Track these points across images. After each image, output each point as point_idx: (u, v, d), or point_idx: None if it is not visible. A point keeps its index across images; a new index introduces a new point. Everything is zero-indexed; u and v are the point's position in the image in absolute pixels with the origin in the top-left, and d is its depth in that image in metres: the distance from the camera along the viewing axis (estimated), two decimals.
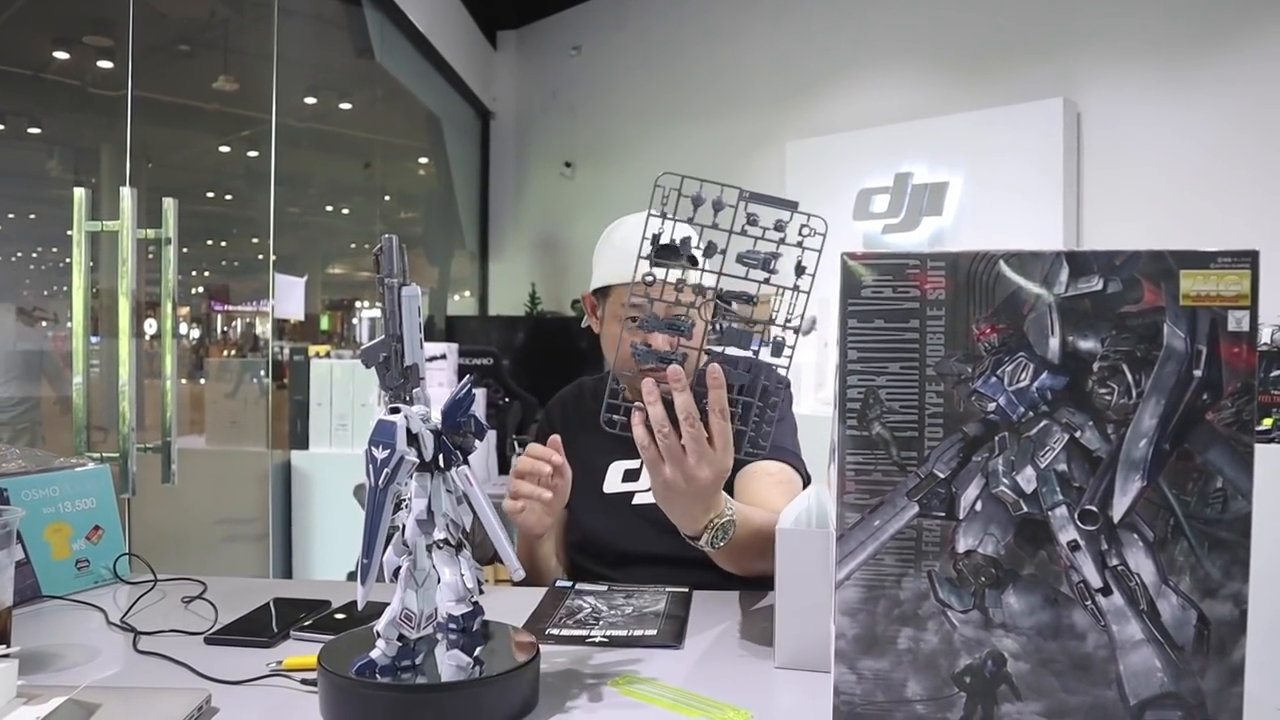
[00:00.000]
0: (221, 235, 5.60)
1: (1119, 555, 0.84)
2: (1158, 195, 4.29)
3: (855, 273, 0.87)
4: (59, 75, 3.85)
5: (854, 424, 0.88)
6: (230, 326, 5.43)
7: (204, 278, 5.58)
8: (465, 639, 0.94)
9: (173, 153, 5.03)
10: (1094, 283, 0.84)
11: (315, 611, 1.27)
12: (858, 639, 0.89)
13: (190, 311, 5.28)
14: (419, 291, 0.98)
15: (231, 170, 5.25)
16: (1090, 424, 0.84)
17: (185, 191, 5.09)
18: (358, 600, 0.92)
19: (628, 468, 1.70)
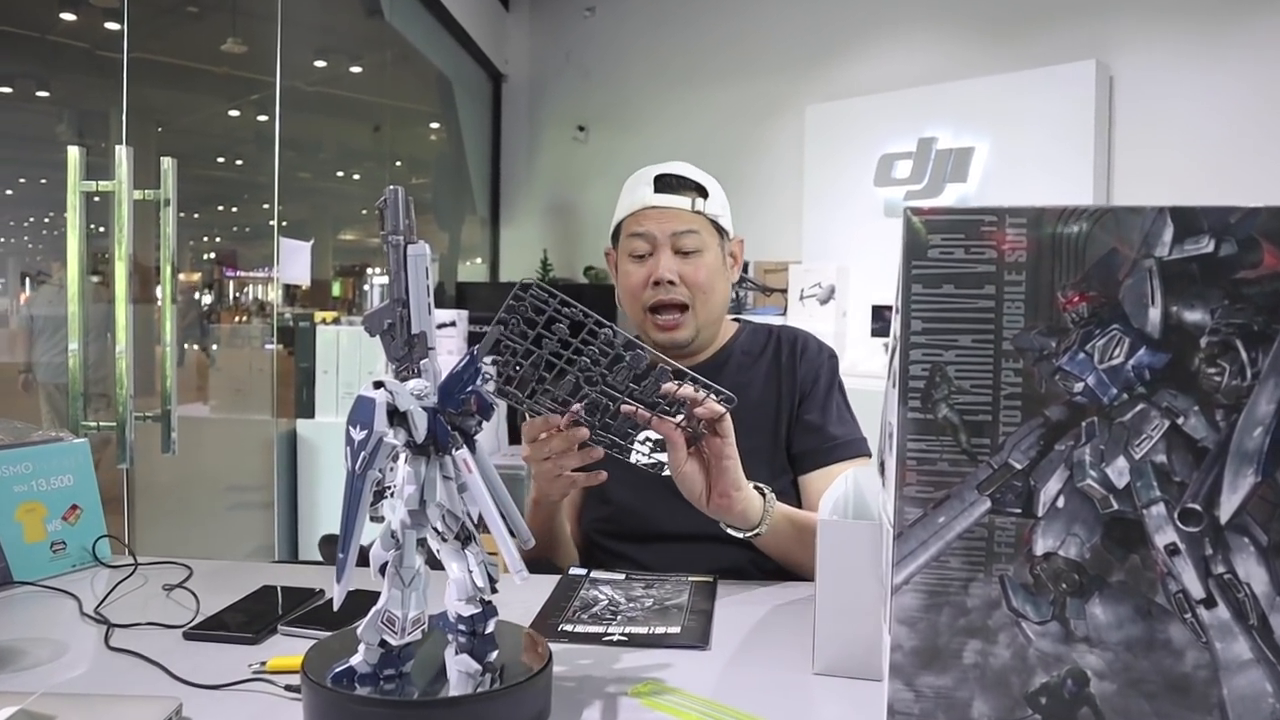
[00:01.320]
0: (233, 201, 5.52)
1: (1226, 562, 0.72)
2: (1193, 163, 4.13)
3: (920, 230, 0.75)
4: (65, 37, 3.75)
5: (917, 405, 0.76)
6: (242, 293, 5.34)
7: (215, 244, 5.49)
8: (475, 643, 0.83)
9: (182, 116, 4.93)
10: (1203, 244, 0.71)
11: (307, 602, 1.17)
12: (917, 651, 0.78)
13: (202, 278, 5.20)
14: (427, 250, 0.86)
15: (242, 135, 5.15)
16: (1196, 409, 0.72)
17: (195, 156, 5.00)
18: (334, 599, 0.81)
19: (654, 436, 1.55)
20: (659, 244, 1.53)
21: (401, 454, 0.83)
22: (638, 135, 6.20)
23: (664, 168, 1.57)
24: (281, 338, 4.27)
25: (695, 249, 1.53)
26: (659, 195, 1.54)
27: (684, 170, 1.57)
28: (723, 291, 1.59)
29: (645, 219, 1.54)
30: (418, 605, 0.83)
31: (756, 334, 1.67)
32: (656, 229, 1.53)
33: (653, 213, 1.53)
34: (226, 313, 5.23)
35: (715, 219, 1.55)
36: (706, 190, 1.56)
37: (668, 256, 1.52)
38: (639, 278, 1.55)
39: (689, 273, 1.53)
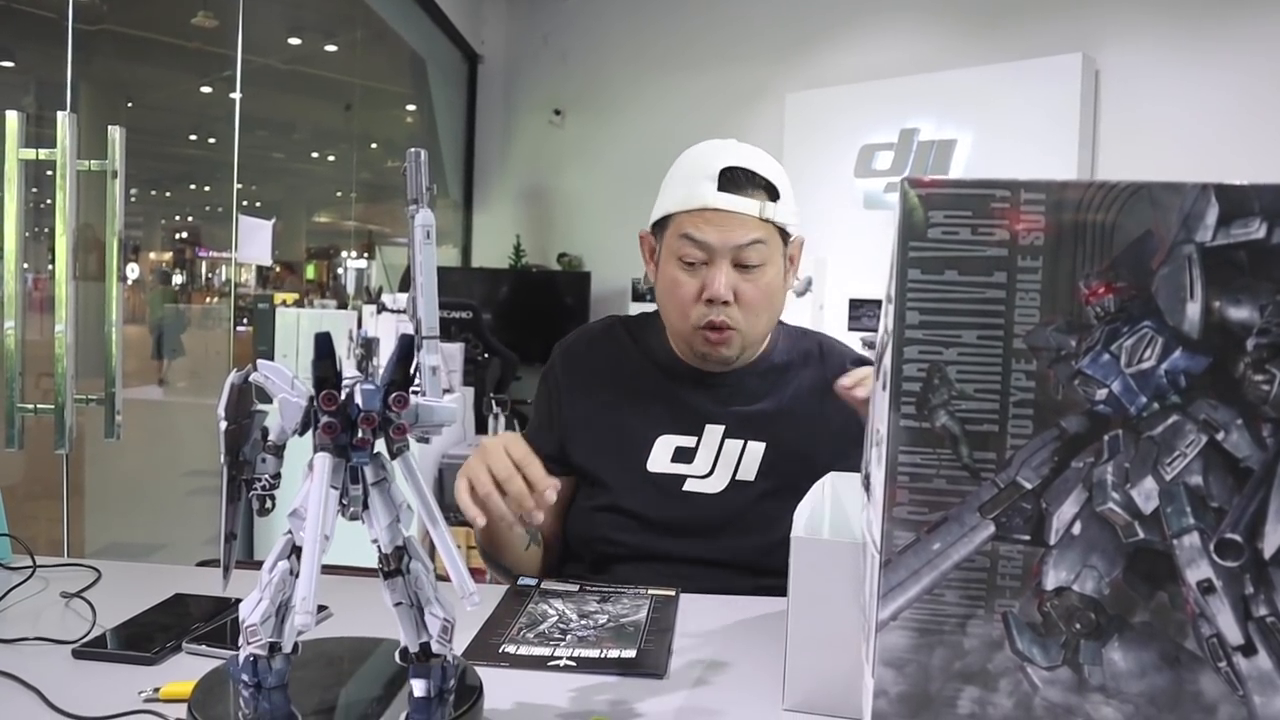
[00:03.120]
0: (205, 180, 5.38)
1: (1269, 603, 0.61)
2: (1180, 158, 4.05)
3: (919, 207, 0.64)
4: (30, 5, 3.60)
5: (911, 412, 0.64)
6: (214, 273, 5.20)
7: (187, 223, 5.35)
8: None
9: (153, 92, 4.77)
10: (1254, 228, 0.60)
11: (221, 614, 1.04)
12: (905, 698, 0.67)
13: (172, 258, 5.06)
14: (432, 220, 0.75)
15: (214, 113, 5.00)
16: (1239, 423, 0.61)
17: (167, 133, 4.85)
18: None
19: (680, 444, 1.39)
20: (718, 255, 1.30)
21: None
22: (615, 121, 6.08)
23: (732, 155, 1.32)
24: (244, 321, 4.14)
25: (759, 263, 1.31)
26: (724, 195, 1.29)
27: (755, 163, 1.32)
28: (780, 306, 1.39)
29: (704, 223, 1.30)
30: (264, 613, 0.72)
31: (795, 341, 1.48)
32: (717, 239, 1.29)
33: (715, 216, 1.29)
34: (199, 293, 5.09)
35: (784, 226, 1.33)
36: (777, 190, 1.32)
37: (727, 271, 1.30)
38: (690, 291, 1.33)
39: (747, 291, 1.31)
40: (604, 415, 1.42)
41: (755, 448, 1.37)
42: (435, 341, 0.73)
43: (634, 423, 1.41)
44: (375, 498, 0.74)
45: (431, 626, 0.74)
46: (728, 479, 1.36)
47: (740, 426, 1.39)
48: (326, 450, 0.71)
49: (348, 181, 6.53)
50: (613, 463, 1.40)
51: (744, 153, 1.34)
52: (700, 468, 1.38)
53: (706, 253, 1.30)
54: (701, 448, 1.38)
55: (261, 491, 0.74)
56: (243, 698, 0.74)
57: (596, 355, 1.49)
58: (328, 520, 0.71)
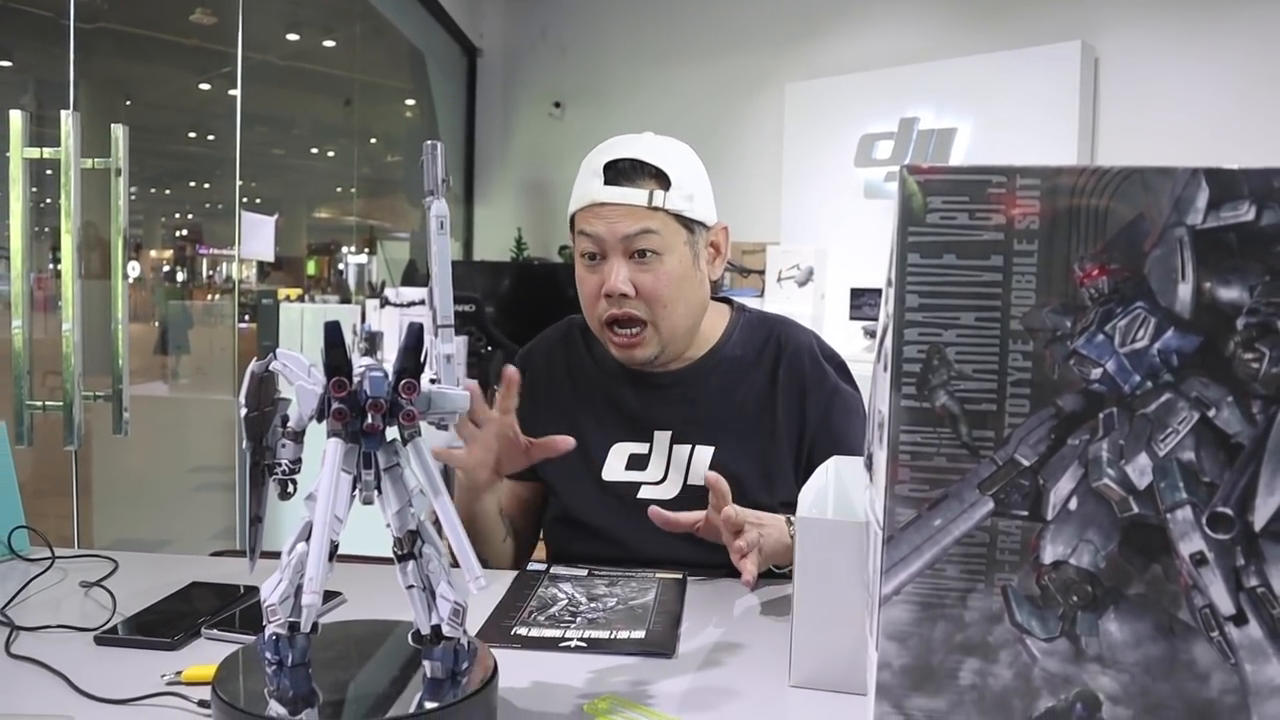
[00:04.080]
0: (205, 177, 5.39)
1: (1259, 574, 0.63)
2: (1179, 145, 4.06)
3: (917, 193, 0.66)
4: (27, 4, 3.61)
5: (912, 392, 0.66)
6: (215, 270, 5.22)
7: (188, 220, 5.36)
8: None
9: (152, 89, 4.78)
10: (1243, 210, 0.62)
11: (238, 601, 1.07)
12: (907, 670, 0.69)
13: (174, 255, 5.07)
14: (447, 211, 0.76)
15: (214, 109, 5.01)
16: (1230, 400, 0.63)
17: (167, 131, 4.86)
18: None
19: (633, 451, 1.40)
20: (609, 247, 1.31)
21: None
22: (614, 112, 6.08)
23: (618, 148, 1.32)
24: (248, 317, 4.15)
25: (654, 250, 1.30)
26: (609, 189, 1.30)
27: (643, 152, 1.32)
28: (693, 298, 1.36)
29: (594, 217, 1.31)
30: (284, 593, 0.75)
31: (752, 333, 1.44)
32: (606, 230, 1.30)
33: (602, 210, 1.30)
34: (199, 290, 5.10)
35: (680, 213, 1.31)
36: (668, 177, 1.31)
37: (620, 263, 1.30)
38: (591, 286, 1.34)
39: (646, 283, 1.30)
40: (560, 427, 1.38)
41: (704, 452, 1.37)
42: (450, 330, 0.75)
43: (590, 433, 1.40)
44: (387, 483, 0.76)
45: (442, 609, 0.76)
46: (679, 484, 1.36)
47: (688, 431, 1.38)
48: (338, 436, 0.73)
49: (348, 177, 6.54)
50: (569, 474, 1.40)
51: (640, 145, 1.33)
52: (653, 474, 1.38)
53: (599, 246, 1.31)
54: (654, 454, 1.39)
55: (282, 476, 0.76)
56: (266, 674, 0.76)
57: (554, 365, 1.50)
58: (339, 503, 0.73)
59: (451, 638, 0.76)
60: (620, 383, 1.43)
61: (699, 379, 1.40)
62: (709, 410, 1.38)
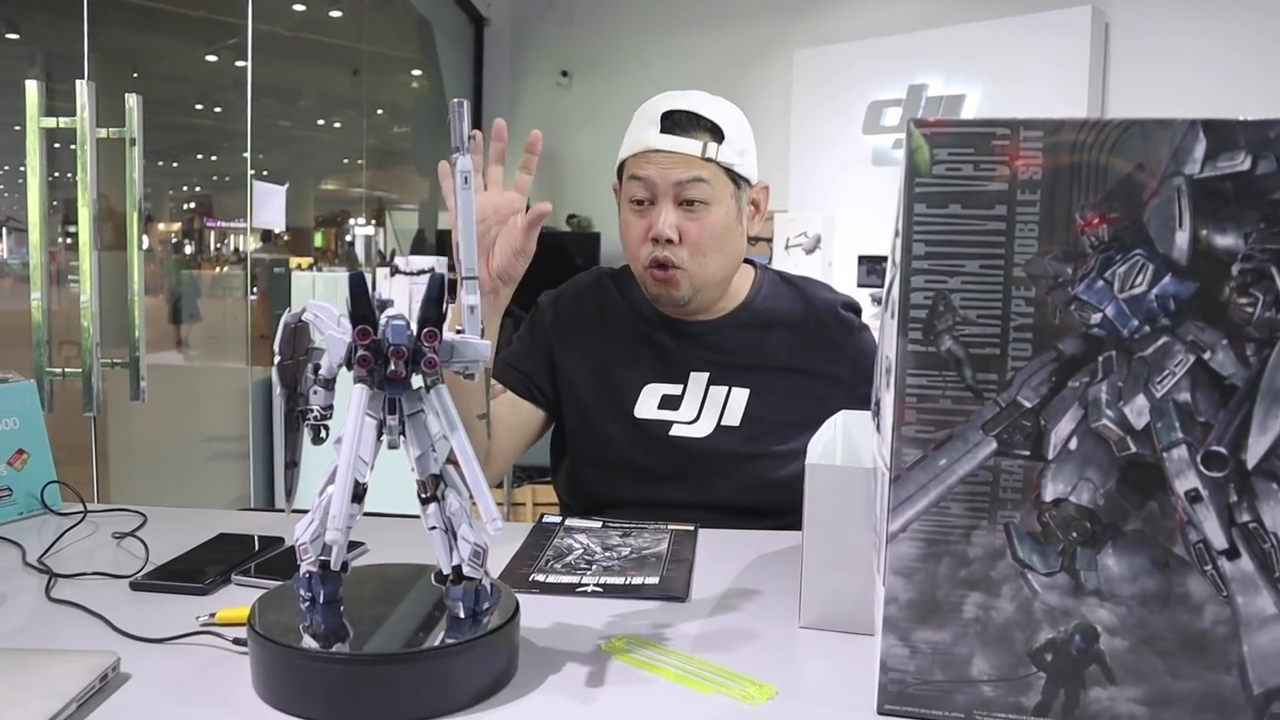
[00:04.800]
0: (213, 149, 5.39)
1: (1251, 510, 0.66)
2: (1189, 111, 4.01)
3: (924, 145, 0.68)
4: None
5: (918, 337, 0.69)
6: (224, 243, 5.24)
7: (195, 193, 5.38)
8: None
9: (158, 61, 4.79)
10: (1239, 160, 0.65)
11: (265, 550, 1.10)
12: (913, 605, 0.72)
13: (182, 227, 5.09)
14: (471, 165, 0.78)
15: (220, 81, 5.01)
16: (1224, 343, 0.66)
17: (173, 103, 4.86)
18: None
19: (666, 392, 1.44)
20: (660, 193, 1.35)
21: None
22: (622, 81, 6.06)
23: (676, 100, 1.37)
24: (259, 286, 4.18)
25: (702, 200, 1.34)
26: (665, 136, 1.34)
27: (699, 105, 1.37)
28: (732, 250, 1.41)
29: (647, 162, 1.35)
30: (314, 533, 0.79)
31: (778, 289, 1.51)
32: (658, 175, 1.34)
33: (656, 156, 1.34)
34: (208, 263, 5.13)
35: (730, 167, 1.36)
36: (722, 132, 1.36)
37: (669, 209, 1.34)
38: (638, 230, 1.38)
39: (691, 230, 1.35)
40: (593, 366, 1.47)
41: (739, 394, 1.42)
42: (474, 282, 0.77)
43: (621, 372, 1.46)
44: (410, 429, 0.79)
45: (463, 550, 0.78)
46: (713, 424, 1.41)
47: (724, 374, 1.43)
48: (363, 382, 0.76)
49: (355, 148, 6.54)
50: (602, 411, 1.45)
51: (694, 99, 1.38)
52: (686, 414, 1.43)
53: (650, 191, 1.35)
54: (687, 395, 1.43)
55: (315, 422, 0.79)
56: (300, 610, 0.79)
57: (585, 307, 1.53)
58: (363, 444, 0.76)
59: (472, 578, 0.79)
60: (655, 327, 1.47)
61: (732, 329, 1.45)
62: (744, 358, 1.44)
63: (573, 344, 1.49)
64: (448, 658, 0.74)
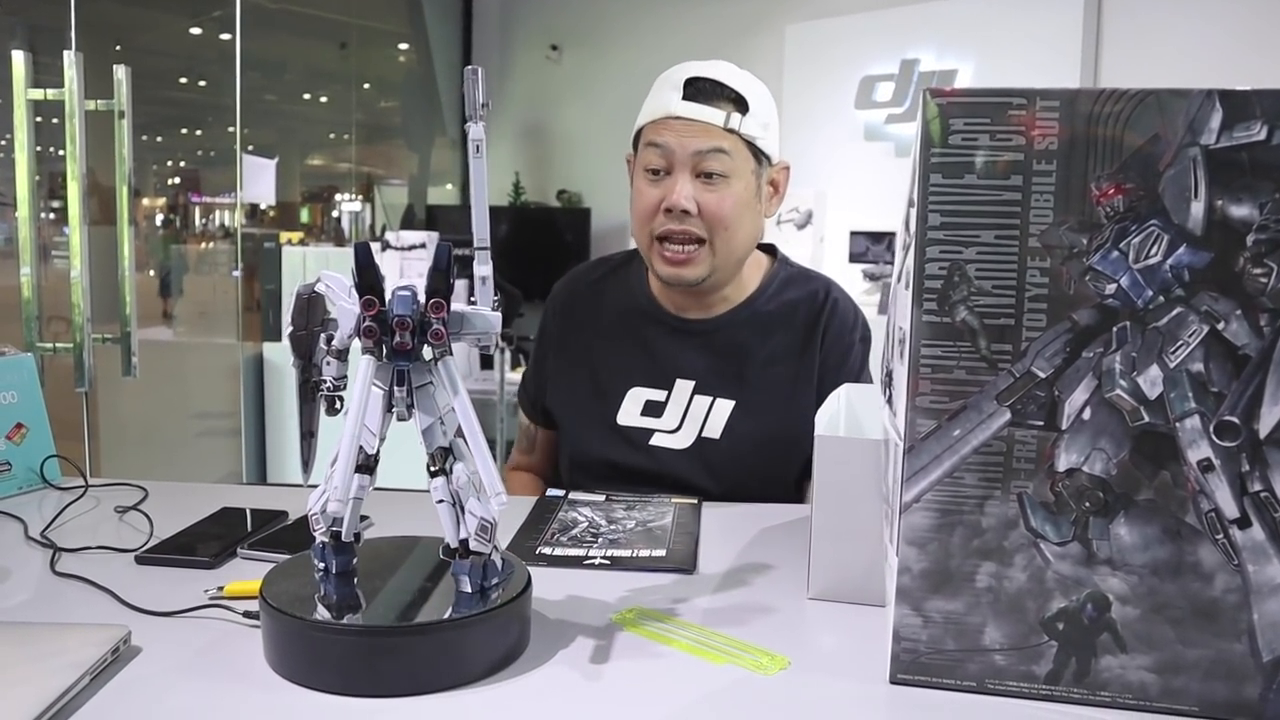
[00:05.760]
0: (197, 123, 5.34)
1: (1263, 479, 0.67)
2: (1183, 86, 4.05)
3: (939, 115, 0.68)
4: None
5: (933, 308, 0.69)
6: (209, 218, 5.20)
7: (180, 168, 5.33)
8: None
9: (141, 33, 4.74)
10: (1255, 131, 0.65)
11: (270, 524, 1.10)
12: (926, 574, 0.72)
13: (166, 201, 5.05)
14: (483, 134, 0.76)
15: (204, 54, 4.96)
16: (1238, 313, 0.66)
17: (157, 76, 4.81)
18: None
19: (650, 398, 1.39)
20: (678, 162, 1.29)
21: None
22: (612, 55, 6.03)
23: (701, 68, 1.31)
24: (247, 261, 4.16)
25: (722, 173, 1.28)
26: (687, 104, 1.28)
27: (725, 75, 1.30)
28: (751, 228, 1.34)
29: (666, 129, 1.29)
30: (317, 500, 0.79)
31: (791, 288, 1.42)
32: (677, 143, 1.28)
33: (676, 124, 1.28)
34: (194, 238, 5.09)
35: (753, 140, 1.29)
36: (747, 103, 1.29)
37: (686, 180, 1.28)
38: (651, 199, 1.31)
39: (710, 202, 1.28)
40: (581, 366, 1.43)
41: (724, 405, 1.37)
42: (486, 252, 0.77)
43: (607, 374, 1.42)
44: (418, 400, 0.79)
45: (470, 524, 0.78)
46: (694, 435, 1.36)
47: (711, 383, 1.38)
48: (369, 353, 0.76)
49: (343, 123, 6.49)
50: (583, 414, 1.43)
51: (720, 68, 1.32)
52: (668, 422, 1.38)
53: (667, 159, 1.30)
54: (671, 402, 1.38)
55: (329, 393, 0.79)
56: (314, 580, 0.79)
57: (580, 304, 1.49)
58: (369, 414, 0.76)
59: (480, 553, 0.79)
60: (648, 322, 1.42)
61: (730, 330, 1.39)
62: (736, 364, 1.38)
63: (566, 343, 1.47)
64: (461, 630, 0.74)
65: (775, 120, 1.35)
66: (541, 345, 1.52)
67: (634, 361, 1.41)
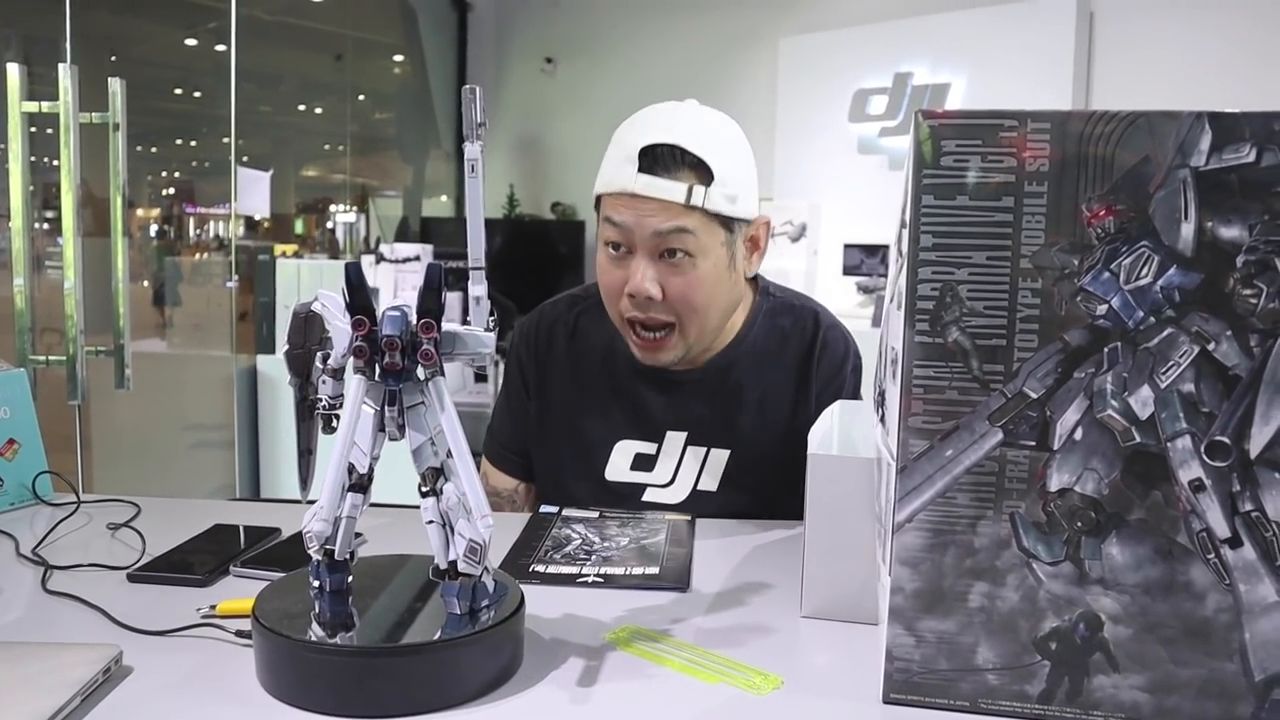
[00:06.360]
0: (191, 134, 5.35)
1: (1254, 499, 0.67)
2: (1173, 99, 4.06)
3: (931, 136, 0.68)
4: None
5: (925, 328, 0.69)
6: (203, 229, 5.21)
7: (174, 179, 5.34)
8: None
9: (136, 45, 4.74)
10: (1244, 153, 0.65)
11: (262, 541, 1.10)
12: (919, 594, 0.72)
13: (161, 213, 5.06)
14: (478, 153, 0.75)
15: (199, 66, 4.97)
16: (1228, 334, 0.66)
17: (152, 87, 4.82)
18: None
19: (640, 451, 1.32)
20: (638, 242, 1.17)
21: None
22: (607, 68, 6.06)
23: (658, 131, 1.16)
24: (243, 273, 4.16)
25: (687, 252, 1.17)
26: (644, 178, 1.15)
27: (684, 137, 1.15)
28: (726, 301, 1.25)
29: (623, 206, 1.17)
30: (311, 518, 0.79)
31: (778, 321, 1.33)
32: (635, 223, 1.16)
33: (633, 201, 1.16)
34: (188, 249, 5.10)
35: (720, 213, 1.17)
36: (711, 172, 1.15)
37: (647, 263, 1.18)
38: (614, 281, 1.22)
39: (676, 286, 1.18)
40: (564, 416, 1.35)
41: (719, 455, 1.30)
42: (481, 272, 0.77)
43: (593, 426, 1.34)
44: (409, 420, 0.79)
45: (458, 545, 0.78)
46: (689, 489, 1.30)
47: (704, 433, 1.31)
48: (360, 373, 0.76)
49: (338, 134, 6.51)
50: (570, 469, 1.34)
51: (680, 126, 1.17)
52: (661, 476, 1.31)
53: (626, 239, 1.19)
54: (662, 455, 1.31)
55: (325, 411, 0.79)
56: (309, 599, 0.79)
57: (556, 349, 1.38)
58: (360, 433, 0.77)
59: (469, 574, 0.78)
60: (631, 374, 1.32)
61: (718, 376, 1.30)
62: (727, 410, 1.31)
63: (542, 395, 1.38)
64: (454, 650, 0.74)
65: (747, 179, 1.22)
66: (513, 392, 1.42)
67: (620, 415, 1.33)
